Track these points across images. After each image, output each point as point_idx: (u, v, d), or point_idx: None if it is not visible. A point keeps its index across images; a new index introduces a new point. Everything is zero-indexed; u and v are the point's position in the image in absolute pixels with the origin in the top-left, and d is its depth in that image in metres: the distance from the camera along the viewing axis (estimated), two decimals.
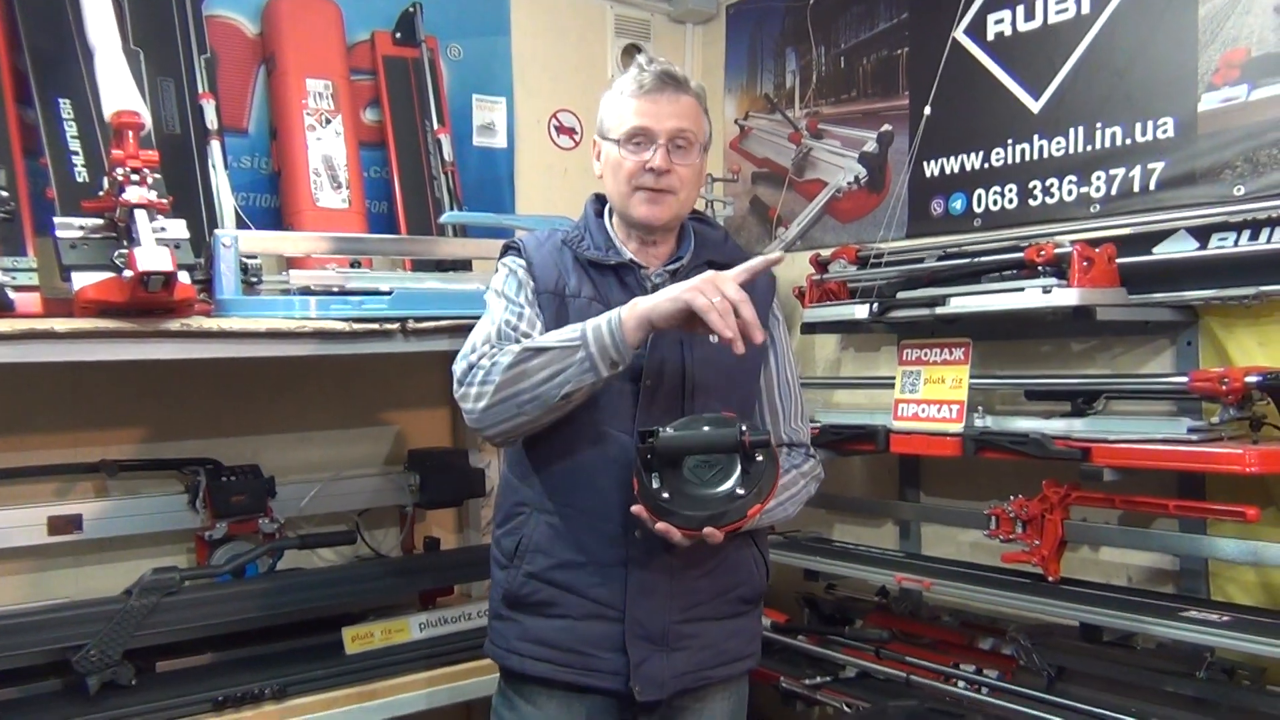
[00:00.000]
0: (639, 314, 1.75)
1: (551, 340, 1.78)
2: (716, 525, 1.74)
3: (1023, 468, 2.68)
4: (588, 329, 1.75)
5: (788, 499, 1.97)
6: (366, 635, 2.81)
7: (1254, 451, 2.20)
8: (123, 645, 2.48)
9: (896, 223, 3.43)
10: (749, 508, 1.75)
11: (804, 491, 2.02)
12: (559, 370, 1.74)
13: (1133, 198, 2.82)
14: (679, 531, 1.74)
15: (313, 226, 3.07)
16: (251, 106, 3.31)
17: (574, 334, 1.76)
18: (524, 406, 1.78)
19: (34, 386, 2.86)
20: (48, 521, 2.81)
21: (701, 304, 1.69)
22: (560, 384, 1.75)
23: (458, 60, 3.71)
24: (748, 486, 1.75)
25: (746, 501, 1.75)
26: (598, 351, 1.74)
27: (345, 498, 3.30)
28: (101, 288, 2.21)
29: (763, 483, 1.76)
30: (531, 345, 1.79)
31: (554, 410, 1.79)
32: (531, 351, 1.77)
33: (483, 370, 1.81)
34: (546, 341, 1.78)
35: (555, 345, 1.76)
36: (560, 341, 1.76)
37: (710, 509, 1.74)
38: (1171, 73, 2.74)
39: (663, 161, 1.88)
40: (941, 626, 3.09)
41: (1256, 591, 2.60)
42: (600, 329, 1.74)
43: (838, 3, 3.71)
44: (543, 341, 1.79)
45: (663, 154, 1.88)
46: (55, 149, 2.68)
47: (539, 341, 1.79)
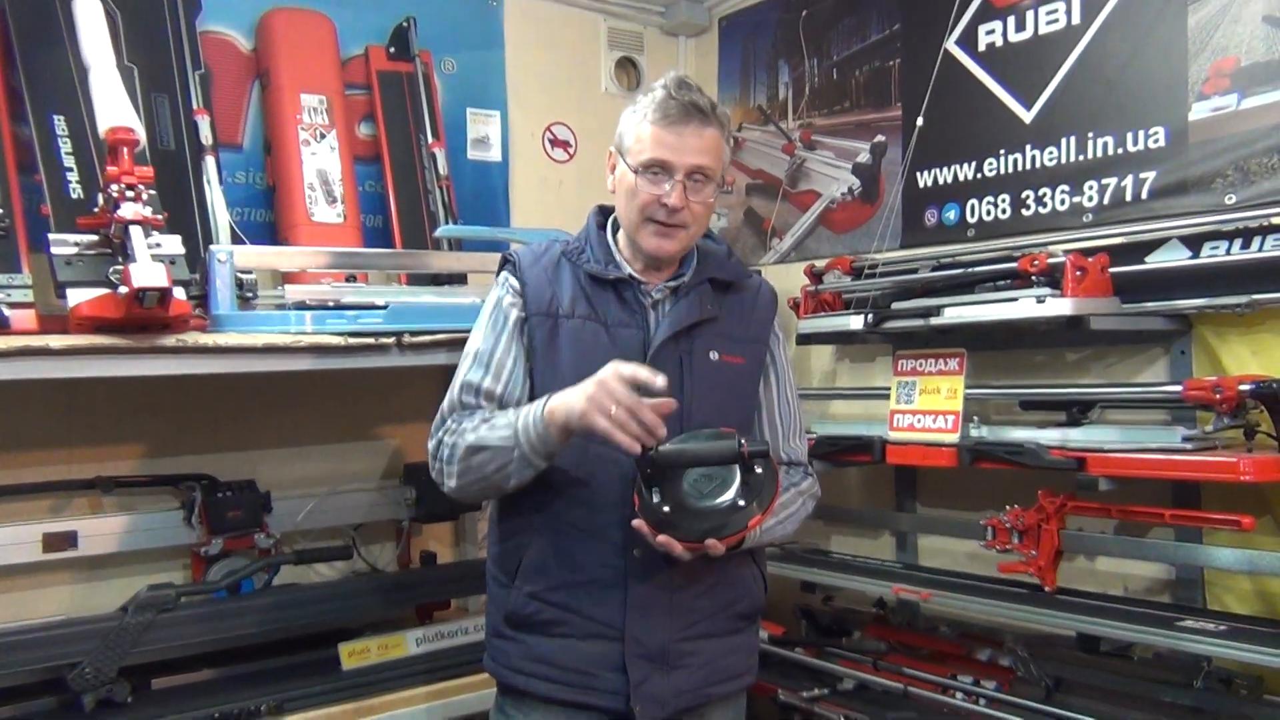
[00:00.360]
0: (558, 421, 1.76)
1: (492, 438, 1.83)
2: (718, 537, 1.74)
3: (1018, 478, 2.69)
4: (519, 429, 1.79)
5: (787, 517, 1.96)
6: (363, 651, 2.80)
7: (1249, 460, 2.21)
8: (118, 662, 2.47)
9: (890, 233, 3.44)
10: (750, 518, 1.75)
11: (802, 509, 2.02)
12: (502, 465, 1.82)
13: (1125, 207, 2.83)
14: (680, 545, 1.74)
15: (308, 241, 3.07)
16: (246, 122, 3.31)
17: (508, 434, 1.81)
18: (485, 489, 1.90)
19: (29, 403, 2.85)
20: (43, 538, 2.80)
21: (603, 426, 1.70)
22: (506, 476, 1.83)
23: (452, 74, 3.72)
24: (748, 497, 1.75)
25: (748, 512, 1.75)
26: (530, 450, 1.79)
27: (341, 512, 3.29)
28: (97, 304, 2.20)
29: (763, 493, 1.76)
30: (475, 442, 1.84)
31: (513, 490, 1.87)
32: (475, 449, 1.84)
33: (446, 450, 1.89)
34: (487, 439, 1.83)
35: (494, 444, 1.82)
36: (498, 440, 1.82)
37: (711, 521, 1.74)
38: (1162, 82, 2.76)
39: (678, 199, 1.85)
40: (939, 638, 3.09)
41: (1253, 600, 2.60)
42: (529, 430, 1.78)
43: (830, 14, 3.72)
44: (484, 439, 1.83)
45: (679, 191, 1.85)
46: (50, 165, 2.69)
47: (481, 438, 1.84)
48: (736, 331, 2.00)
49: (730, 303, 2.01)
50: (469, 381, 1.93)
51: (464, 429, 1.87)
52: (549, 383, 1.89)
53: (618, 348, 1.89)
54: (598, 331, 1.91)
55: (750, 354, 2.01)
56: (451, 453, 1.88)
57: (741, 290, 2.05)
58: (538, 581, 1.91)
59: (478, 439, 1.84)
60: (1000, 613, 2.68)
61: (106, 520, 2.92)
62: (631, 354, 1.88)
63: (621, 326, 1.92)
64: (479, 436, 1.84)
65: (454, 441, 1.88)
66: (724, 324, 1.98)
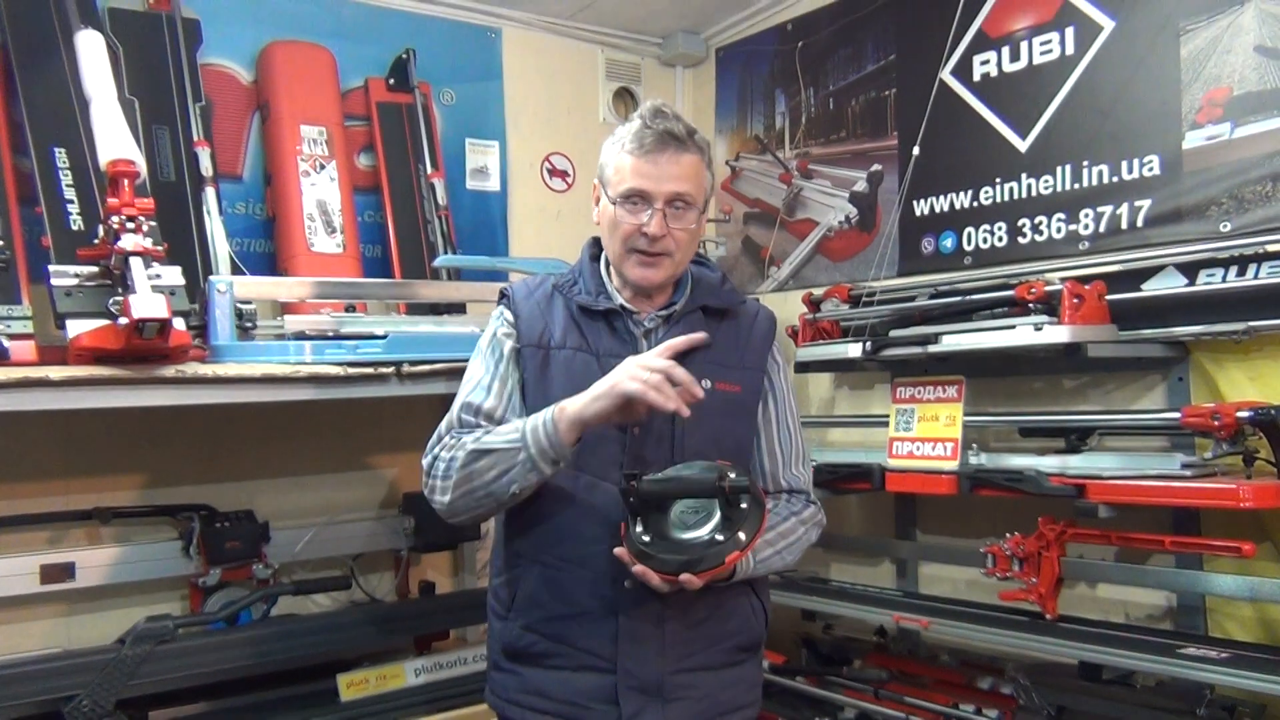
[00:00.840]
0: (570, 416, 1.76)
1: (497, 441, 1.81)
2: (692, 571, 1.71)
3: (1018, 505, 2.68)
4: (526, 431, 1.78)
5: (786, 546, 1.94)
6: (362, 682, 2.79)
7: (1248, 486, 2.21)
8: (115, 695, 2.46)
9: (888, 261, 3.45)
10: (728, 553, 1.72)
11: (804, 539, 1.99)
12: (505, 470, 1.79)
13: (1121, 235, 2.85)
14: (656, 576, 1.73)
15: (307, 271, 3.09)
16: (246, 153, 3.34)
17: (515, 436, 1.79)
18: (481, 501, 1.83)
19: (27, 434, 2.86)
20: (40, 570, 2.80)
21: (636, 389, 1.70)
22: (508, 483, 1.79)
23: (451, 105, 3.75)
24: (728, 532, 1.72)
25: (725, 547, 1.72)
26: (537, 453, 1.77)
27: (340, 542, 3.29)
28: (97, 335, 2.21)
29: (745, 528, 1.73)
30: (479, 447, 1.82)
31: (510, 502, 1.84)
32: (479, 453, 1.82)
33: (442, 464, 1.85)
34: (492, 443, 1.82)
35: (499, 446, 1.80)
36: (504, 443, 1.80)
37: (688, 554, 1.72)
38: (1156, 111, 2.78)
39: (658, 227, 1.85)
40: (940, 666, 3.08)
41: (1255, 627, 2.59)
42: (538, 431, 1.77)
43: (826, 45, 3.76)
44: (488, 443, 1.82)
45: (659, 219, 1.85)
46: (50, 197, 2.71)
47: (485, 443, 1.82)
48: (731, 359, 1.98)
49: (725, 330, 2.00)
50: (469, 402, 1.92)
51: (462, 443, 1.85)
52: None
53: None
54: (589, 362, 1.91)
55: (747, 381, 1.99)
56: (449, 466, 1.84)
57: (737, 317, 2.03)
58: (531, 613, 1.90)
59: (482, 444, 1.82)
60: (1001, 641, 2.67)
61: (104, 551, 2.92)
62: None
63: (613, 356, 1.91)
64: (483, 442, 1.82)
65: (453, 455, 1.84)
66: (718, 352, 1.96)
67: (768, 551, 1.87)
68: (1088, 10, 2.94)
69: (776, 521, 1.93)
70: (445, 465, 1.85)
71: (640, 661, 1.85)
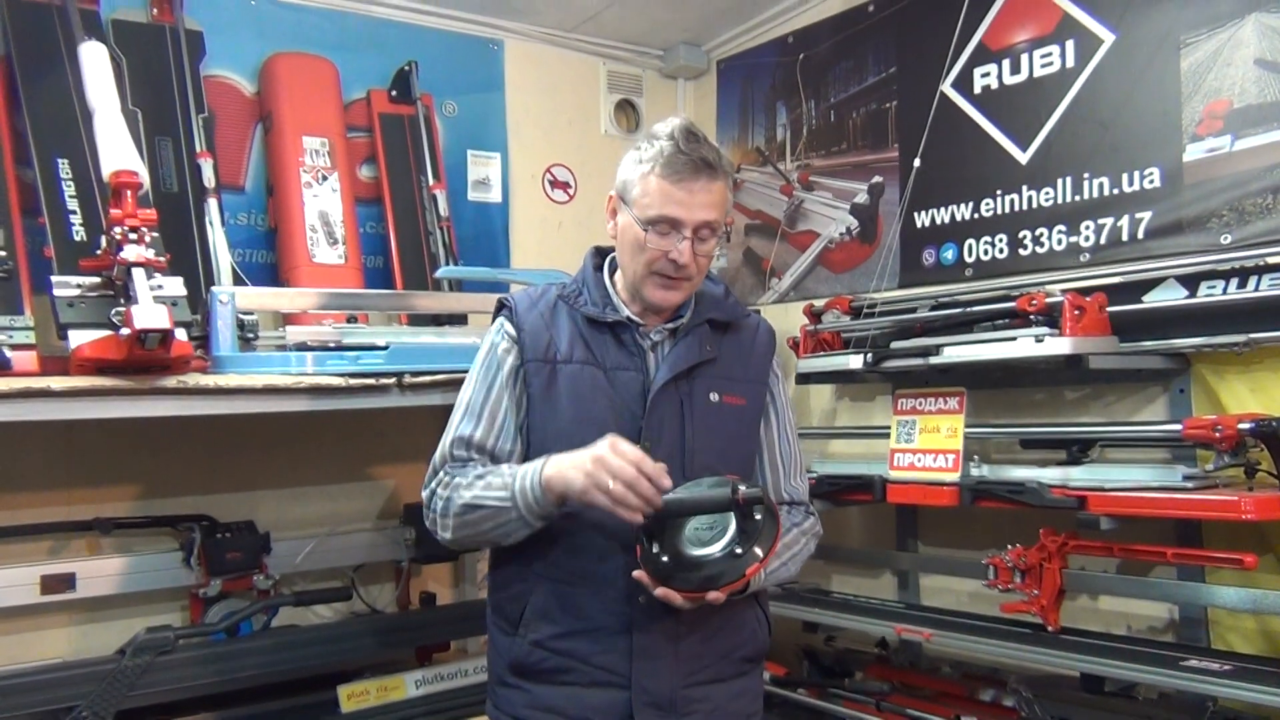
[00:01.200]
0: (556, 490, 1.76)
1: (489, 498, 1.82)
2: (715, 586, 1.73)
3: (1020, 516, 2.68)
4: (516, 491, 1.79)
5: (790, 558, 1.95)
6: (362, 693, 2.78)
7: (1250, 498, 2.21)
8: (115, 706, 2.46)
9: (889, 273, 3.46)
10: (749, 565, 1.73)
11: (805, 550, 2.00)
12: (499, 524, 1.82)
13: (1121, 247, 2.85)
14: (680, 595, 1.73)
15: (309, 282, 3.09)
16: (249, 164, 3.35)
17: (505, 495, 1.81)
18: (482, 543, 1.92)
19: (28, 444, 2.86)
20: (40, 581, 2.80)
21: (601, 502, 1.70)
22: (504, 534, 1.83)
23: (453, 117, 3.76)
24: (745, 545, 1.73)
25: (745, 560, 1.73)
26: (527, 512, 1.79)
27: (340, 553, 3.28)
28: (98, 346, 2.21)
29: (761, 540, 1.74)
30: (472, 501, 1.84)
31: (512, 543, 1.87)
32: (472, 507, 1.84)
33: (440, 503, 1.88)
34: (484, 499, 1.82)
35: (491, 504, 1.82)
36: (495, 500, 1.81)
37: (709, 570, 1.72)
38: (1156, 124, 2.79)
39: (688, 257, 1.85)
40: (942, 678, 3.07)
41: (1257, 640, 2.59)
42: (526, 494, 1.77)
43: (827, 58, 3.77)
44: (481, 499, 1.83)
45: (688, 248, 1.84)
46: (53, 208, 2.72)
47: (478, 498, 1.83)
48: (736, 372, 1.99)
49: (729, 343, 2.01)
50: (460, 435, 1.92)
51: (457, 484, 1.86)
52: (548, 429, 1.89)
53: (617, 392, 1.89)
54: (596, 376, 1.91)
55: (751, 394, 2.00)
56: (445, 506, 1.87)
57: (740, 330, 2.04)
58: (542, 629, 1.89)
59: (473, 498, 1.84)
60: (1003, 653, 2.66)
61: (105, 562, 2.92)
62: (631, 397, 1.88)
63: (620, 370, 1.91)
64: (474, 495, 1.84)
65: (448, 495, 1.87)
66: (723, 365, 1.97)
67: (775, 564, 1.88)
68: (1088, 23, 2.95)
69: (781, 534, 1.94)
70: (443, 504, 1.87)
71: (655, 677, 1.85)
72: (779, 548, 1.84)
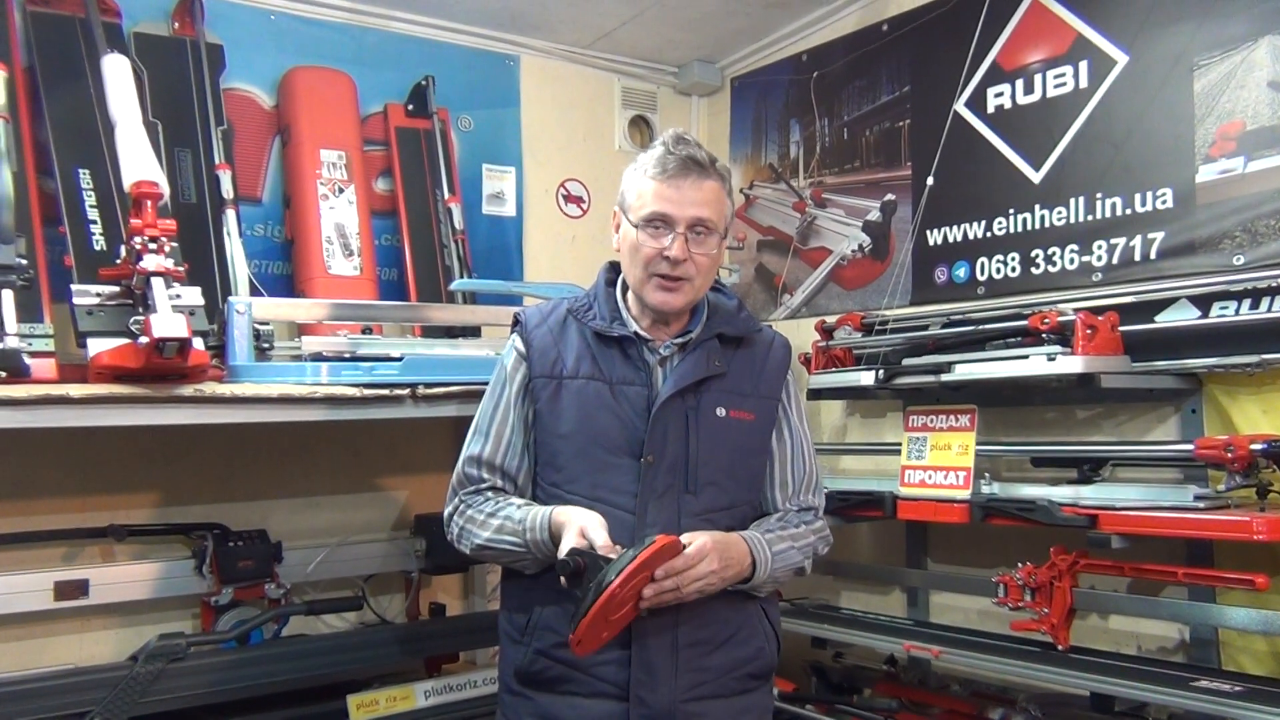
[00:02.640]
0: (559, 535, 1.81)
1: (502, 542, 1.90)
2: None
3: (1030, 534, 2.68)
4: (528, 537, 1.86)
5: (799, 546, 1.96)
6: (372, 703, 2.78)
7: (1262, 519, 2.20)
8: (127, 713, 2.46)
9: (901, 290, 3.46)
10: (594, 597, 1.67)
11: (812, 545, 2.01)
12: (516, 560, 1.92)
13: (1134, 266, 2.86)
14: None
15: (324, 293, 3.12)
16: (266, 176, 3.38)
17: (518, 541, 1.87)
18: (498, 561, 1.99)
19: (45, 451, 2.88)
20: (54, 586, 2.81)
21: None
22: (523, 567, 1.93)
23: (468, 131, 3.79)
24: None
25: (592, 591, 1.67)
26: (541, 556, 1.86)
27: (352, 563, 3.30)
28: (117, 354, 2.24)
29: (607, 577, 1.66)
30: (486, 544, 1.92)
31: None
32: (486, 549, 1.93)
33: (456, 529, 1.98)
34: (498, 543, 1.91)
35: (505, 548, 1.90)
36: (509, 545, 1.89)
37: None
38: (1169, 145, 2.80)
39: (680, 251, 1.87)
40: (951, 696, 3.06)
41: (1269, 661, 2.58)
42: (538, 545, 1.85)
43: (841, 76, 3.79)
44: (495, 541, 1.91)
45: (680, 243, 1.87)
46: (74, 217, 2.74)
47: (492, 540, 1.91)
48: (746, 387, 2.00)
49: (740, 358, 2.01)
50: (471, 455, 2.00)
51: (471, 518, 1.95)
52: (554, 443, 1.93)
53: (621, 406, 1.91)
54: (601, 390, 1.92)
55: (761, 410, 2.00)
56: (461, 534, 1.97)
57: (752, 345, 2.04)
58: (546, 639, 1.91)
59: (488, 539, 1.92)
60: (1013, 671, 2.66)
61: (118, 569, 2.93)
62: (636, 412, 1.90)
63: (626, 384, 1.93)
64: (489, 538, 1.92)
65: (463, 526, 1.96)
66: (733, 380, 1.98)
67: (783, 546, 1.92)
68: (1101, 44, 2.96)
69: (789, 525, 1.98)
70: (458, 532, 1.98)
71: (653, 690, 1.85)
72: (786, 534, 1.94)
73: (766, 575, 1.89)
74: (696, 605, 1.85)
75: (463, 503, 1.98)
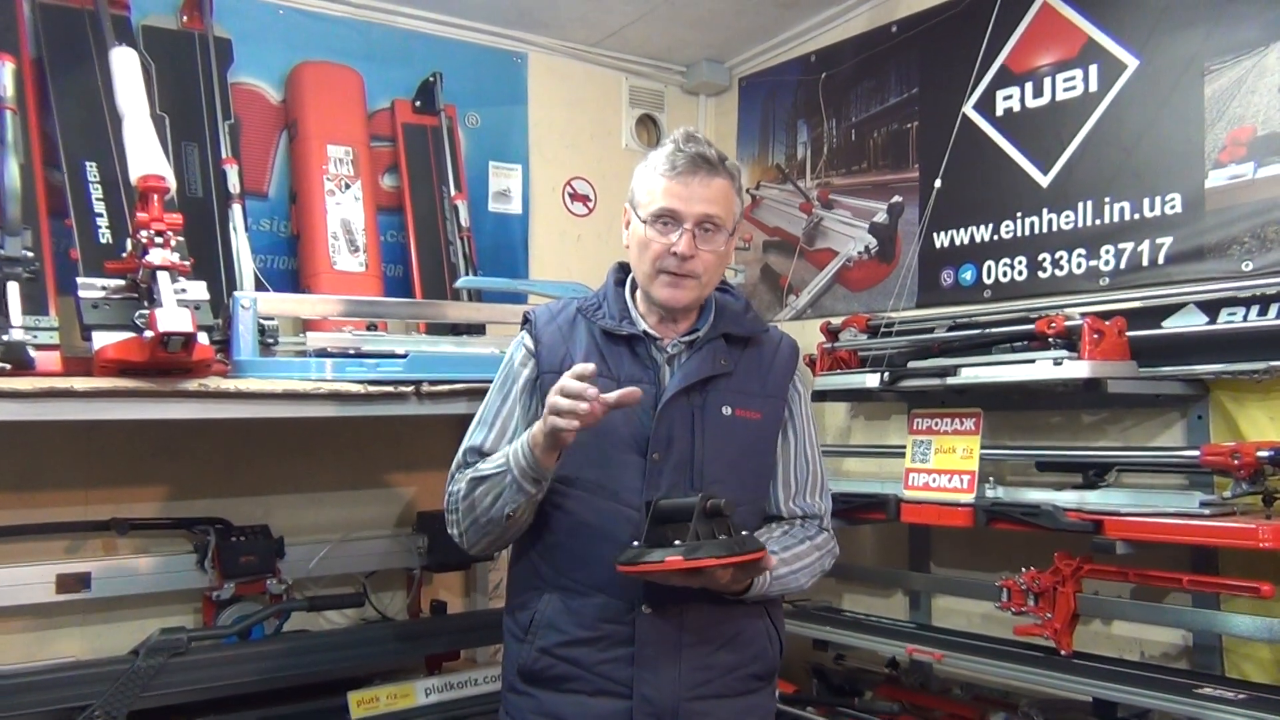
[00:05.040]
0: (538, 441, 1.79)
1: (488, 468, 1.87)
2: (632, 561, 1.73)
3: (1034, 539, 2.67)
4: (509, 455, 1.83)
5: (801, 568, 1.94)
6: (372, 700, 2.78)
7: (1268, 526, 2.20)
8: (128, 706, 2.46)
9: (907, 292, 3.46)
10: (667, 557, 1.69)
11: (817, 564, 2.00)
12: (498, 494, 1.85)
13: (1141, 271, 2.85)
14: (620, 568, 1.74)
15: (330, 289, 3.11)
16: (273, 171, 3.38)
17: (501, 461, 1.85)
18: (486, 528, 1.91)
19: (48, 444, 2.88)
20: (56, 579, 2.81)
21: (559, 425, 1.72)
22: (502, 506, 1.85)
23: (475, 128, 3.79)
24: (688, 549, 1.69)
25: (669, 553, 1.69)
26: (519, 474, 1.82)
27: (354, 559, 3.29)
28: (122, 347, 2.23)
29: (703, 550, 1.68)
30: (475, 475, 1.90)
31: (511, 527, 1.89)
32: (476, 480, 1.89)
33: (452, 498, 1.95)
34: (485, 469, 1.88)
35: (491, 473, 1.86)
36: (494, 468, 1.86)
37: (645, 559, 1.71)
38: (1179, 150, 2.79)
39: (687, 247, 1.87)
40: (953, 700, 3.06)
41: (1272, 669, 2.57)
42: (518, 454, 1.81)
43: (849, 77, 3.78)
44: (482, 470, 1.89)
45: (688, 239, 1.87)
46: (80, 210, 2.74)
47: (480, 470, 1.89)
48: (753, 386, 2.00)
49: (747, 357, 2.01)
50: (472, 445, 1.98)
51: (465, 474, 1.94)
52: None
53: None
54: (609, 388, 1.91)
55: (767, 409, 2.00)
56: (454, 497, 1.93)
57: (760, 345, 2.04)
58: (549, 636, 1.91)
59: (474, 474, 1.90)
60: (1015, 676, 2.65)
61: (120, 562, 2.94)
62: (643, 409, 1.89)
63: (633, 382, 1.92)
64: (479, 470, 1.90)
65: (458, 487, 1.93)
66: (739, 379, 1.98)
67: (783, 570, 1.89)
68: (1112, 48, 2.95)
69: (791, 544, 1.95)
70: (453, 498, 1.94)
71: (656, 689, 1.85)
72: (787, 556, 1.89)
73: (757, 596, 1.88)
74: (701, 605, 1.86)
75: (460, 473, 1.95)
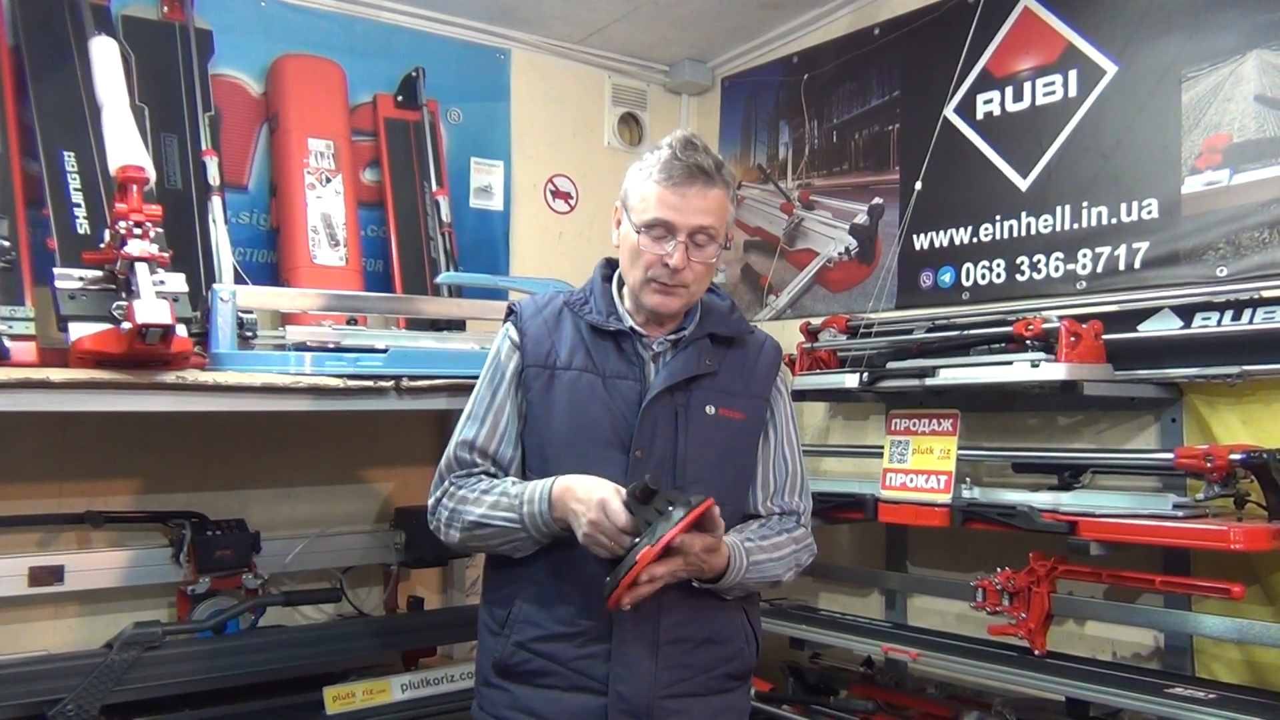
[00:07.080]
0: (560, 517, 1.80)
1: (497, 518, 1.87)
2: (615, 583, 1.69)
3: (1009, 540, 2.69)
4: (524, 516, 1.83)
5: (778, 558, 1.95)
6: (348, 695, 2.77)
7: (1239, 529, 2.22)
8: (101, 700, 2.44)
9: (886, 294, 3.48)
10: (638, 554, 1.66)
11: (793, 557, 2.00)
12: (507, 540, 1.89)
13: (1118, 276, 2.88)
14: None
15: (309, 283, 3.10)
16: (253, 163, 3.36)
17: (513, 516, 1.85)
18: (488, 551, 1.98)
19: (22, 435, 2.86)
20: (29, 572, 2.78)
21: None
22: (513, 550, 1.90)
23: (457, 124, 3.78)
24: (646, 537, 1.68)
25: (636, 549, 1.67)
26: (535, 533, 1.84)
27: (330, 555, 3.28)
28: (99, 339, 2.21)
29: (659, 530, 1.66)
30: (480, 519, 1.89)
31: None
32: (481, 524, 1.89)
33: (445, 512, 1.95)
34: (493, 519, 1.88)
35: (500, 524, 1.87)
36: (504, 520, 1.86)
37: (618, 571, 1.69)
38: (1156, 156, 2.82)
39: (680, 260, 1.87)
40: (927, 699, 3.07)
41: (1241, 670, 2.60)
42: (536, 519, 1.83)
43: (831, 79, 3.80)
44: (489, 518, 1.88)
45: (681, 252, 1.86)
46: (58, 200, 2.72)
47: (486, 517, 1.89)
48: (736, 386, 2.00)
49: (731, 358, 2.02)
50: (464, 439, 1.97)
51: (463, 497, 1.92)
52: (544, 433, 1.93)
53: (613, 399, 1.91)
54: (594, 383, 1.92)
55: (750, 409, 2.01)
56: (451, 517, 1.93)
57: (744, 345, 2.05)
58: (526, 631, 1.91)
59: (481, 516, 1.89)
60: (989, 675, 2.67)
61: (94, 555, 2.91)
62: (627, 405, 1.90)
63: (619, 378, 1.93)
64: (482, 514, 1.89)
65: (453, 508, 1.92)
66: (723, 379, 1.99)
67: (761, 557, 1.90)
68: (1091, 54, 2.98)
69: (769, 534, 1.97)
70: (448, 514, 1.94)
71: (632, 685, 1.86)
72: (765, 545, 1.91)
73: (735, 582, 1.87)
74: (678, 603, 1.86)
75: (453, 484, 1.95)
